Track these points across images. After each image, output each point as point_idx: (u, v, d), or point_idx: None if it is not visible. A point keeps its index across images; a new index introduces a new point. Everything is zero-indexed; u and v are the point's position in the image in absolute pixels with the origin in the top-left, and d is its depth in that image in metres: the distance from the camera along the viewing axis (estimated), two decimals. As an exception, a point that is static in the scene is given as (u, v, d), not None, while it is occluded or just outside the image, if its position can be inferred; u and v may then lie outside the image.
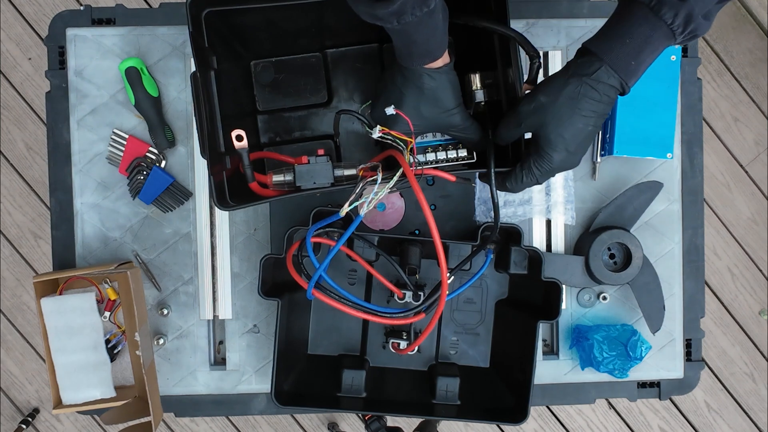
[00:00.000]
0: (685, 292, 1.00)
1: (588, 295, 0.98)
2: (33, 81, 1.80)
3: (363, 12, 0.64)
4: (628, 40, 0.66)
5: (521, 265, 0.90)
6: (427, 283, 0.95)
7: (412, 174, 0.72)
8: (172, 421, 1.83)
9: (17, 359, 1.81)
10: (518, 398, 0.88)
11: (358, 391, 0.90)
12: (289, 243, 0.86)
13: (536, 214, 0.97)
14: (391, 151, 0.78)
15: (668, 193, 0.99)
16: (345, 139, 0.94)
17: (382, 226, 0.95)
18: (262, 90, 0.93)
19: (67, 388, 0.90)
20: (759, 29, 1.88)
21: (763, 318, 1.89)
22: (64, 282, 0.92)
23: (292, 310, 0.91)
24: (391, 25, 0.64)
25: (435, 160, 0.82)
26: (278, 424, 1.82)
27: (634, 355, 0.93)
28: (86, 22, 0.96)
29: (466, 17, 0.79)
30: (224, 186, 0.79)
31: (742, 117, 1.88)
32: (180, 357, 0.97)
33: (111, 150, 0.95)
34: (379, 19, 0.63)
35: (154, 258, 0.96)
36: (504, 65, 0.81)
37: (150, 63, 0.95)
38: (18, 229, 1.81)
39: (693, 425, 1.89)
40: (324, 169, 0.78)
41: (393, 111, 0.75)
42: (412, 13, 0.62)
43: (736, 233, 1.89)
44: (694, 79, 0.99)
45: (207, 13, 0.79)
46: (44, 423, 1.82)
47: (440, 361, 0.97)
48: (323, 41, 0.91)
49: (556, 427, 1.87)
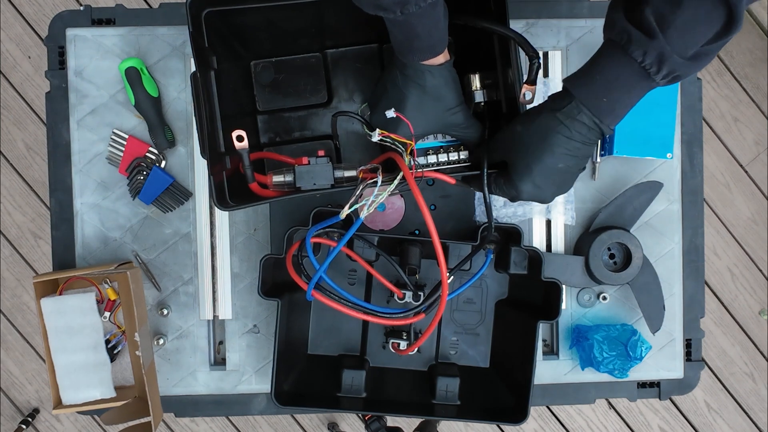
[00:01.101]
0: (685, 292, 1.00)
1: (588, 295, 0.98)
2: (33, 81, 1.80)
3: (366, 3, 0.64)
4: (598, 77, 0.65)
5: (521, 265, 0.90)
6: (427, 283, 0.95)
7: (412, 177, 0.72)
8: (172, 421, 1.83)
9: (17, 359, 1.81)
10: (518, 398, 0.88)
11: (358, 391, 0.90)
12: (289, 243, 0.86)
13: (536, 214, 0.97)
14: (390, 153, 0.78)
15: (668, 193, 0.99)
16: (345, 139, 0.94)
17: (382, 226, 0.95)
18: (262, 90, 0.93)
19: (67, 389, 0.90)
20: (759, 29, 1.88)
21: (763, 318, 1.89)
22: (64, 282, 0.92)
23: (292, 310, 0.91)
24: (394, 16, 0.64)
25: (435, 163, 0.82)
26: (278, 424, 1.82)
27: (634, 355, 0.93)
28: (86, 22, 0.96)
29: (466, 17, 0.79)
30: (224, 186, 0.79)
31: (742, 117, 1.88)
32: (180, 357, 0.97)
33: (111, 150, 0.95)
34: (383, 9, 0.63)
35: (154, 258, 0.96)
36: (504, 66, 0.81)
37: (150, 63, 0.95)
38: (18, 229, 1.81)
39: (693, 425, 1.89)
40: (324, 171, 0.78)
41: (393, 114, 0.75)
42: (416, 3, 0.62)
43: (736, 233, 1.89)
44: (694, 79, 0.99)
45: (207, 13, 0.79)
46: (44, 423, 1.82)
47: (440, 361, 0.97)
48: (323, 41, 0.91)
49: (556, 427, 1.87)
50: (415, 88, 0.73)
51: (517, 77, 0.77)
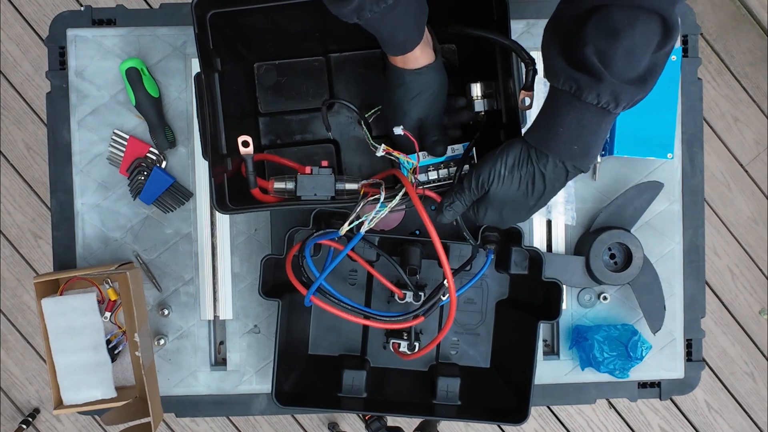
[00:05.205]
0: (686, 292, 1.00)
1: (588, 295, 0.98)
2: (33, 81, 1.80)
3: (330, 8, 0.65)
4: (561, 129, 0.64)
5: (522, 265, 0.90)
6: (428, 284, 0.95)
7: (416, 195, 0.72)
8: (173, 421, 1.83)
9: (17, 359, 1.81)
10: (519, 398, 0.88)
11: (359, 392, 0.90)
12: (290, 244, 0.86)
13: (536, 215, 0.97)
14: (393, 170, 0.78)
15: (669, 193, 0.99)
16: (346, 144, 0.94)
17: (382, 226, 0.95)
18: (265, 92, 0.93)
19: (67, 389, 0.90)
20: (759, 29, 1.88)
21: (763, 317, 1.89)
22: (65, 282, 0.92)
23: (292, 310, 0.91)
24: (352, 22, 0.65)
25: (436, 179, 0.82)
26: (278, 424, 1.82)
27: (634, 355, 0.93)
28: (87, 22, 0.96)
29: (459, 26, 0.79)
30: (224, 188, 0.79)
31: (743, 117, 1.88)
32: (181, 357, 0.97)
33: (111, 150, 0.95)
34: (342, 15, 0.64)
35: (155, 258, 0.96)
36: (505, 75, 0.80)
37: (150, 63, 0.95)
38: (18, 230, 1.81)
39: (693, 425, 1.89)
40: (326, 182, 0.78)
41: (401, 132, 0.76)
42: (370, 9, 0.63)
43: (737, 233, 1.89)
44: (695, 79, 0.99)
45: (212, 15, 0.79)
46: (44, 423, 1.82)
47: (441, 361, 0.97)
48: (327, 45, 0.91)
49: (557, 427, 1.87)
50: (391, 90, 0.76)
51: (516, 87, 0.77)
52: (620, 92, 0.61)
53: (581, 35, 0.61)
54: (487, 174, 0.69)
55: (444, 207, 0.74)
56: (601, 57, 0.60)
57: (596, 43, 0.60)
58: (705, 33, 1.87)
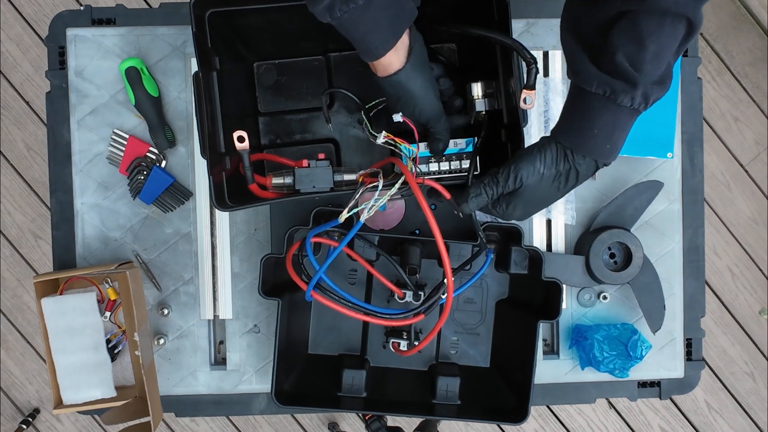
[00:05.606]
0: (686, 292, 1.00)
1: (588, 295, 0.98)
2: (33, 81, 1.80)
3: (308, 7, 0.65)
4: (596, 131, 0.67)
5: (521, 264, 0.90)
6: (428, 283, 0.95)
7: (415, 183, 0.72)
8: (173, 421, 1.83)
9: (17, 359, 1.81)
10: (518, 398, 0.88)
11: (359, 391, 0.90)
12: (290, 243, 0.86)
13: (536, 215, 0.97)
14: (392, 158, 0.78)
15: (668, 192, 0.99)
16: (345, 142, 0.94)
17: (382, 225, 0.95)
18: (264, 92, 0.93)
19: (67, 388, 0.90)
20: (759, 29, 1.88)
21: (763, 317, 1.89)
22: (65, 282, 0.92)
23: (292, 309, 0.91)
24: (326, 21, 0.65)
25: (437, 171, 0.82)
26: (278, 424, 1.82)
27: (634, 355, 0.93)
28: (86, 22, 0.96)
29: (460, 26, 0.79)
30: (223, 187, 0.79)
31: (742, 116, 1.88)
32: (180, 357, 0.97)
33: (111, 150, 0.95)
34: (316, 14, 0.65)
35: (155, 258, 0.96)
36: (506, 75, 0.80)
37: (150, 63, 0.95)
38: (18, 229, 1.81)
39: (693, 425, 1.89)
40: (324, 174, 0.78)
41: (400, 119, 0.76)
42: (340, 8, 0.63)
43: (737, 233, 1.89)
44: (694, 79, 0.99)
45: (210, 14, 0.79)
46: (44, 423, 1.82)
47: (440, 360, 0.97)
48: (326, 44, 0.91)
49: (557, 427, 1.87)
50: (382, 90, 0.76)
51: (518, 87, 0.77)
52: (650, 93, 0.64)
53: (609, 41, 0.63)
54: (526, 170, 0.70)
55: (470, 197, 0.74)
56: (632, 62, 0.62)
57: (625, 48, 0.62)
58: (705, 33, 1.87)
